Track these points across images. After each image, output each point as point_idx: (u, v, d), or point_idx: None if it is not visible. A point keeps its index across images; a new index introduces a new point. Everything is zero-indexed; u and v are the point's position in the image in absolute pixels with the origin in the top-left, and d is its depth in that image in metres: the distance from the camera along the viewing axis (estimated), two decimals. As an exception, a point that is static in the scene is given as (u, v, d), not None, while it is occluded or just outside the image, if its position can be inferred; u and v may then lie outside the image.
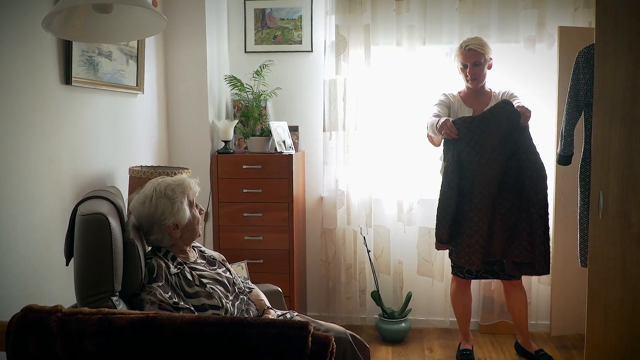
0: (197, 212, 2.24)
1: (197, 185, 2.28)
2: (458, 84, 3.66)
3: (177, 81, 3.58)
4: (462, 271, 3.29)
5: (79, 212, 1.97)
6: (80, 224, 1.91)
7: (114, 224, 1.94)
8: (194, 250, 2.34)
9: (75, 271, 1.91)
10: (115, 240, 1.92)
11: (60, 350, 1.40)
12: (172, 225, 2.14)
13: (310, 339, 1.45)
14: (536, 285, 3.78)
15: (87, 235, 1.90)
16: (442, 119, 3.05)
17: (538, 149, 3.65)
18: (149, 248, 2.25)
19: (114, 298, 1.90)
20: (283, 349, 1.44)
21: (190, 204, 2.22)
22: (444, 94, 3.31)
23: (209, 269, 2.26)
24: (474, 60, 3.13)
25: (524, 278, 3.75)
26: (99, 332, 1.41)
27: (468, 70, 3.16)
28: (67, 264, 2.08)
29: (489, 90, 3.28)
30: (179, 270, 2.13)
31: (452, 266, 3.35)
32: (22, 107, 2.12)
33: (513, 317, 3.44)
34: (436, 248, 3.29)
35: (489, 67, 3.21)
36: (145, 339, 1.42)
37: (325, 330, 2.26)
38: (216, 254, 2.42)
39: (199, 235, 2.28)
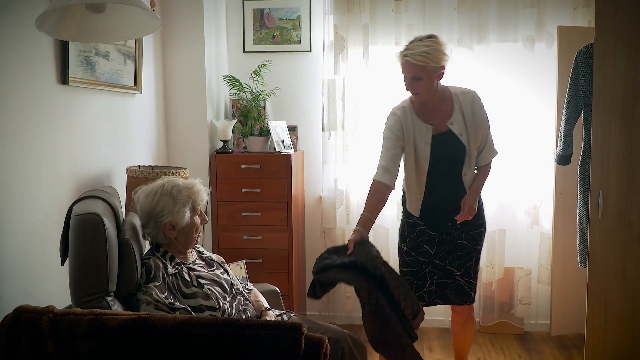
0: (198, 220, 2.22)
1: (206, 194, 2.26)
2: (457, 84, 3.65)
3: (176, 81, 3.57)
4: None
5: (74, 212, 1.96)
6: (75, 224, 1.91)
7: (109, 223, 1.93)
8: (193, 251, 2.33)
9: (70, 271, 1.91)
10: (110, 240, 1.91)
11: (52, 351, 1.40)
12: (169, 224, 2.14)
13: (303, 340, 1.44)
14: (536, 285, 3.77)
15: (81, 235, 1.89)
16: (354, 235, 2.55)
17: (537, 149, 3.67)
18: (147, 248, 2.24)
19: (109, 298, 1.90)
20: (276, 350, 1.44)
21: (194, 210, 2.20)
22: (393, 113, 2.69)
23: (207, 270, 2.25)
24: (412, 73, 2.54)
25: (525, 279, 3.75)
26: (91, 333, 1.40)
27: (407, 82, 2.59)
28: (62, 264, 2.08)
29: (447, 92, 2.67)
30: (176, 271, 2.12)
31: None
32: (18, 108, 2.11)
33: (455, 346, 2.99)
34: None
35: (439, 77, 2.58)
36: (137, 340, 1.41)
37: (324, 331, 2.25)
38: (215, 256, 2.42)
39: (196, 243, 2.26)
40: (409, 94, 2.67)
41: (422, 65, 2.49)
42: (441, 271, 2.71)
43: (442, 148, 2.63)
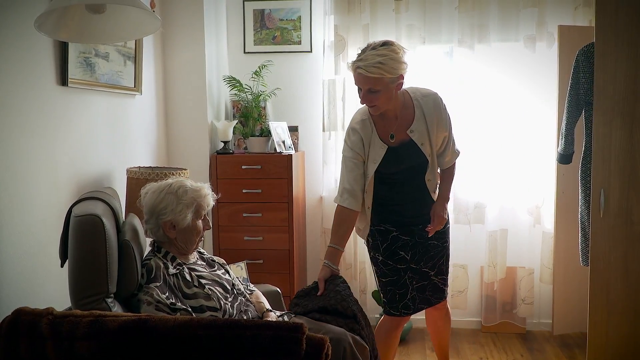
0: (200, 224, 2.20)
1: (213, 200, 2.25)
2: (458, 84, 3.65)
3: (176, 82, 3.57)
4: (398, 307, 2.63)
5: (73, 214, 1.96)
6: (75, 226, 1.90)
7: (109, 225, 1.93)
8: (194, 252, 2.32)
9: (70, 273, 1.90)
10: (110, 242, 1.91)
11: (51, 353, 1.40)
12: (169, 223, 2.13)
13: (304, 340, 1.43)
14: (538, 285, 3.76)
15: (80, 237, 1.89)
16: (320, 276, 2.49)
17: (539, 149, 3.66)
18: (148, 249, 2.24)
19: (109, 300, 1.89)
20: (277, 350, 1.43)
21: (197, 214, 2.18)
22: (353, 128, 2.51)
23: (209, 271, 2.25)
24: (367, 86, 2.32)
25: (527, 278, 3.74)
26: (90, 335, 1.40)
27: (361, 95, 2.38)
28: (62, 266, 2.07)
29: (407, 97, 2.51)
30: (177, 271, 2.12)
31: (384, 302, 2.68)
32: (18, 109, 2.11)
33: (437, 342, 2.98)
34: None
35: (398, 88, 2.39)
36: (137, 342, 1.41)
37: (326, 331, 2.24)
38: (216, 257, 2.41)
39: (195, 248, 2.25)
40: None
41: (378, 77, 2.28)
42: (418, 275, 2.64)
43: (406, 158, 2.52)
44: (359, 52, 2.36)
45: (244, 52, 3.94)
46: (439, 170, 2.67)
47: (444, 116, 2.53)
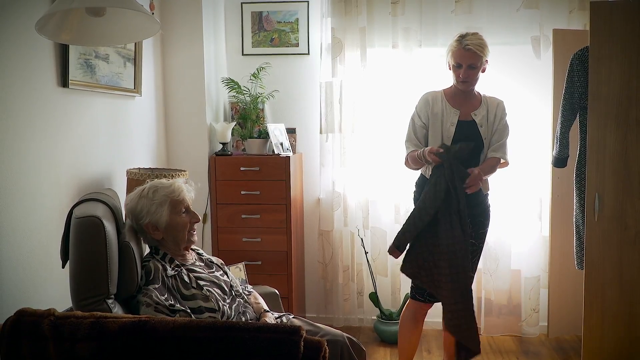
0: (184, 218, 2.20)
1: (190, 192, 2.26)
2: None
3: (175, 83, 3.58)
4: (424, 294, 2.82)
5: (74, 215, 1.97)
6: (75, 227, 1.92)
7: (109, 226, 1.95)
8: (192, 252, 2.34)
9: (71, 274, 1.92)
10: (110, 243, 1.92)
11: (53, 354, 1.41)
12: (150, 225, 2.15)
13: (302, 343, 1.45)
14: (534, 288, 3.78)
15: (81, 238, 1.90)
16: (425, 151, 2.71)
17: (533, 153, 3.67)
18: (147, 251, 2.25)
19: (109, 301, 1.91)
20: (275, 353, 1.45)
21: (174, 210, 2.18)
22: (424, 98, 2.85)
23: (207, 272, 2.26)
24: (470, 62, 2.69)
25: (525, 282, 3.76)
26: (91, 336, 1.42)
27: (462, 71, 2.72)
28: (63, 267, 2.09)
29: (477, 94, 2.86)
30: (176, 272, 2.13)
31: (412, 287, 2.88)
32: (19, 110, 2.12)
33: (449, 335, 3.02)
34: (390, 253, 2.80)
35: (483, 71, 2.77)
36: (137, 343, 1.42)
37: (323, 334, 2.26)
38: (214, 258, 2.43)
39: (191, 243, 2.25)
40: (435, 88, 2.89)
41: (480, 55, 2.69)
42: None
43: (464, 134, 2.77)
44: (459, 36, 2.74)
45: (242, 54, 3.95)
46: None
47: (504, 120, 2.83)
